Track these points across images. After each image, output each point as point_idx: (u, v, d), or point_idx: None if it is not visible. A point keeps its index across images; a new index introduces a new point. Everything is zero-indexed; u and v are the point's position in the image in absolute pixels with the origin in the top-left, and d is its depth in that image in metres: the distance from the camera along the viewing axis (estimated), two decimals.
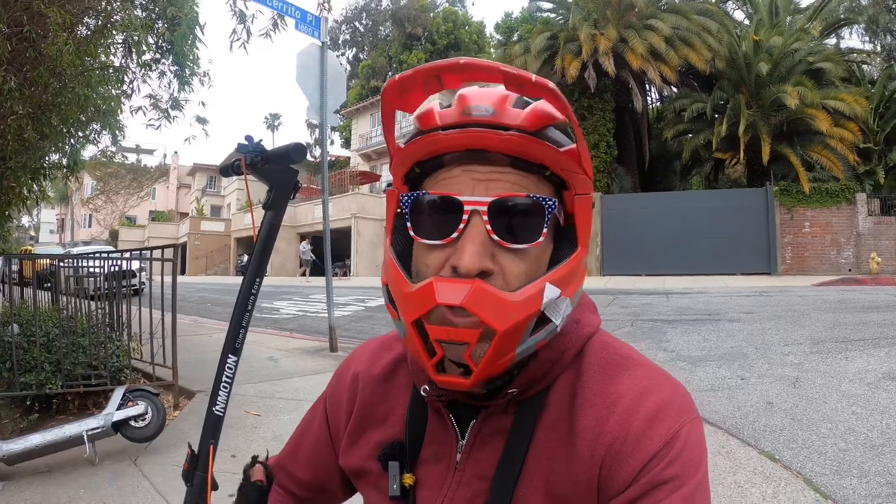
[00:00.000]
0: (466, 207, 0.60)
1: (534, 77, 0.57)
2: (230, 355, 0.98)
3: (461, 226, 0.60)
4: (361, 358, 0.86)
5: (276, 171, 0.91)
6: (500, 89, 0.61)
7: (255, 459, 0.84)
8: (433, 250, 0.62)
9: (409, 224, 0.64)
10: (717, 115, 19.32)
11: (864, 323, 7.35)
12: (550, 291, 0.60)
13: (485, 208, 0.59)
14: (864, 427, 3.72)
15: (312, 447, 0.87)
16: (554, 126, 0.62)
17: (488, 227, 0.60)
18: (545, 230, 0.61)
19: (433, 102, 0.65)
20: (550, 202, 0.61)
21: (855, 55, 21.57)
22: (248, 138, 0.93)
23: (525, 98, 0.62)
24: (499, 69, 0.59)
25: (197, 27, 5.36)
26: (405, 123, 4.73)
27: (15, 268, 5.72)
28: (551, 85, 0.57)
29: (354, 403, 0.81)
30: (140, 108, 5.89)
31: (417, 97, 0.65)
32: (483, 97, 0.61)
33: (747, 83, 18.56)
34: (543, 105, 0.61)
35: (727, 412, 4.16)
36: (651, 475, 0.58)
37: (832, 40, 22.55)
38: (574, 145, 0.62)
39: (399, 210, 0.67)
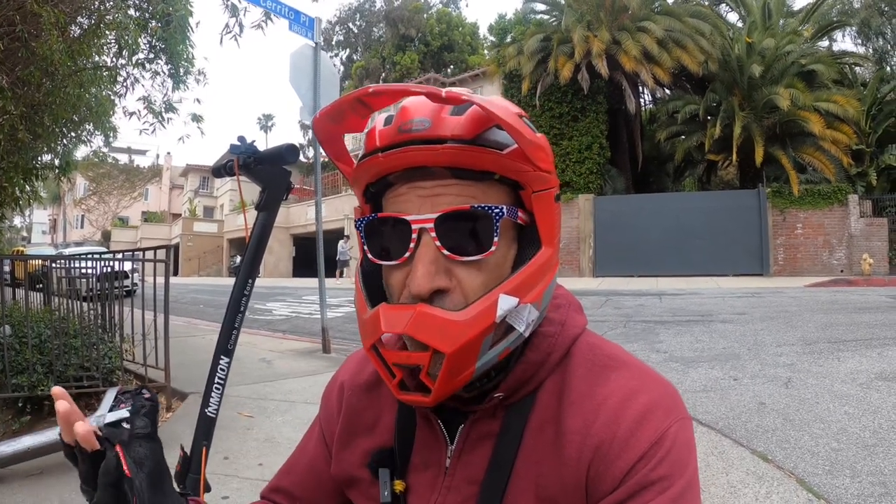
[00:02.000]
0: (413, 226, 0.60)
1: (443, 92, 0.56)
2: (222, 356, 0.98)
3: (412, 245, 0.60)
4: (347, 368, 0.86)
5: (268, 171, 0.91)
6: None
7: None
8: (394, 270, 0.63)
9: (365, 248, 0.65)
10: (709, 117, 19.39)
11: (856, 324, 7.39)
12: (505, 302, 0.59)
13: (431, 225, 0.59)
14: (857, 427, 3.74)
15: (309, 464, 0.86)
16: (497, 126, 0.60)
17: (437, 243, 0.59)
18: (496, 238, 0.60)
19: (380, 117, 0.65)
20: (496, 210, 0.60)
21: (847, 58, 21.69)
22: (241, 139, 0.92)
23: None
24: (409, 90, 0.58)
25: (189, 26, 5.34)
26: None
27: (7, 269, 5.67)
28: (465, 95, 0.56)
29: (341, 412, 0.81)
30: (133, 112, 5.87)
31: (355, 121, 0.65)
32: (421, 109, 0.60)
33: (740, 85, 18.64)
34: (479, 109, 0.58)
35: (720, 413, 4.17)
36: (639, 476, 0.58)
37: (825, 43, 22.69)
38: (516, 147, 0.60)
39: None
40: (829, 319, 7.80)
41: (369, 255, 0.65)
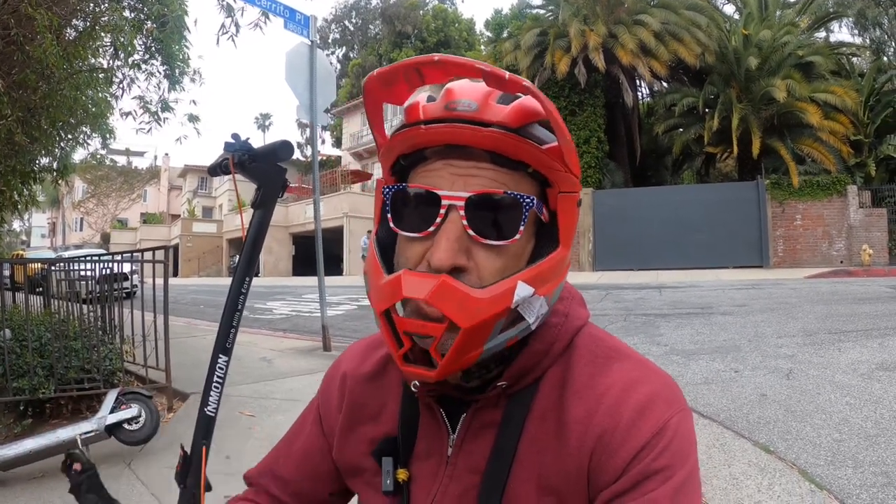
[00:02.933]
0: (444, 202, 0.60)
1: (507, 75, 0.57)
2: (221, 355, 0.98)
3: (438, 220, 0.60)
4: (350, 358, 0.86)
5: (263, 169, 0.91)
6: (484, 85, 0.61)
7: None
8: (413, 243, 0.63)
9: (389, 215, 0.65)
10: (707, 110, 19.40)
11: (856, 314, 7.40)
12: (522, 290, 0.60)
13: (462, 203, 0.60)
14: (858, 417, 3.74)
15: (303, 451, 0.86)
16: (539, 123, 0.62)
17: (464, 222, 0.60)
18: (522, 227, 0.61)
19: (421, 95, 0.65)
20: (528, 199, 0.61)
21: (844, 48, 21.69)
22: (235, 136, 0.92)
23: (512, 95, 0.62)
24: (473, 66, 0.58)
25: (185, 25, 5.33)
26: (396, 121, 4.72)
27: (7, 273, 5.67)
28: (525, 82, 0.57)
29: (344, 403, 0.82)
30: (129, 113, 5.86)
31: (402, 90, 0.66)
32: (468, 92, 0.62)
33: (737, 77, 18.64)
34: (528, 101, 0.61)
35: (721, 405, 4.17)
36: (641, 466, 0.58)
37: (822, 34, 22.69)
38: (556, 144, 0.61)
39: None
40: (830, 310, 7.81)
41: (391, 224, 0.65)
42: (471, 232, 0.60)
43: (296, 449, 0.87)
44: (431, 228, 0.61)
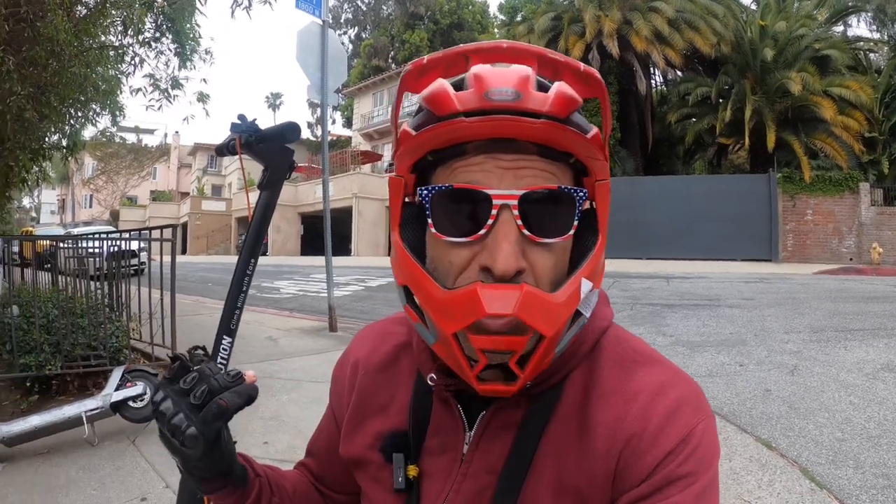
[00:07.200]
0: (495, 202, 0.56)
1: (582, 67, 0.55)
2: (225, 336, 0.98)
3: (490, 221, 0.56)
4: (361, 345, 0.84)
5: (270, 150, 0.90)
6: (517, 68, 0.57)
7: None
8: (456, 247, 0.58)
9: (430, 221, 0.59)
10: (721, 100, 19.17)
11: (863, 313, 7.35)
12: (586, 286, 0.59)
13: (515, 202, 0.56)
14: (862, 418, 3.72)
15: (327, 445, 0.86)
16: (577, 110, 0.58)
17: (518, 221, 0.56)
18: (575, 222, 0.59)
19: (442, 83, 0.58)
20: (581, 193, 0.59)
21: (862, 43, 21.34)
22: (242, 117, 0.91)
23: (540, 77, 0.58)
24: (545, 56, 0.56)
25: (196, 3, 5.30)
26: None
27: (15, 249, 5.71)
28: (597, 74, 0.56)
29: (354, 391, 0.80)
30: (140, 89, 5.85)
31: (431, 78, 0.59)
32: (504, 78, 0.55)
33: (753, 69, 18.41)
34: (566, 88, 0.56)
35: (725, 398, 4.17)
36: (667, 471, 0.57)
37: (839, 28, 22.32)
38: (596, 130, 0.59)
39: (408, 201, 0.63)
40: (837, 308, 7.76)
41: (433, 230, 0.59)
42: (525, 231, 0.56)
43: (320, 444, 0.88)
44: (482, 231, 0.56)
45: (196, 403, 0.60)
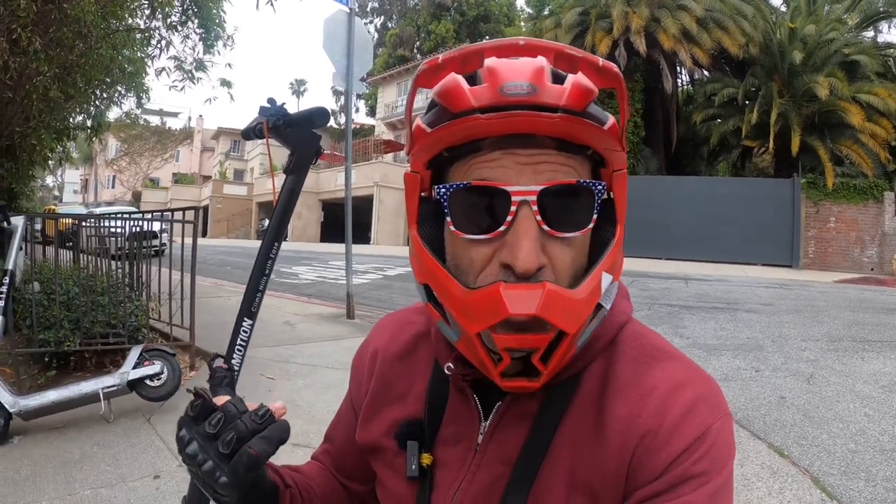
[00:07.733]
0: (514, 198, 0.55)
1: (601, 62, 0.54)
2: (246, 318, 0.99)
3: (509, 218, 0.56)
4: (381, 334, 0.84)
5: (298, 135, 0.90)
6: (530, 60, 0.56)
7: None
8: (476, 244, 0.58)
9: (449, 219, 0.59)
10: (747, 102, 18.86)
11: (883, 324, 7.22)
12: (606, 280, 0.59)
13: (534, 198, 0.55)
14: (876, 430, 3.67)
15: (345, 434, 0.86)
16: (593, 101, 0.57)
17: (538, 217, 0.56)
18: (595, 215, 0.59)
19: (455, 78, 0.57)
20: (600, 186, 0.58)
21: (892, 50, 20.85)
22: (271, 101, 0.91)
23: (554, 69, 0.57)
24: (563, 52, 0.56)
25: None
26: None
27: (38, 227, 5.81)
28: (615, 69, 0.55)
29: (372, 379, 0.80)
30: (164, 69, 5.91)
31: (445, 74, 0.58)
32: (518, 72, 0.55)
33: (780, 71, 18.09)
34: (582, 79, 0.55)
35: (739, 403, 4.13)
36: (681, 469, 0.57)
37: (869, 33, 21.81)
38: (613, 121, 0.58)
39: (426, 197, 0.63)
40: (856, 318, 7.64)
41: (452, 228, 0.59)
42: (545, 227, 0.56)
43: (339, 433, 0.88)
44: (502, 228, 0.56)
45: (225, 452, 0.57)
